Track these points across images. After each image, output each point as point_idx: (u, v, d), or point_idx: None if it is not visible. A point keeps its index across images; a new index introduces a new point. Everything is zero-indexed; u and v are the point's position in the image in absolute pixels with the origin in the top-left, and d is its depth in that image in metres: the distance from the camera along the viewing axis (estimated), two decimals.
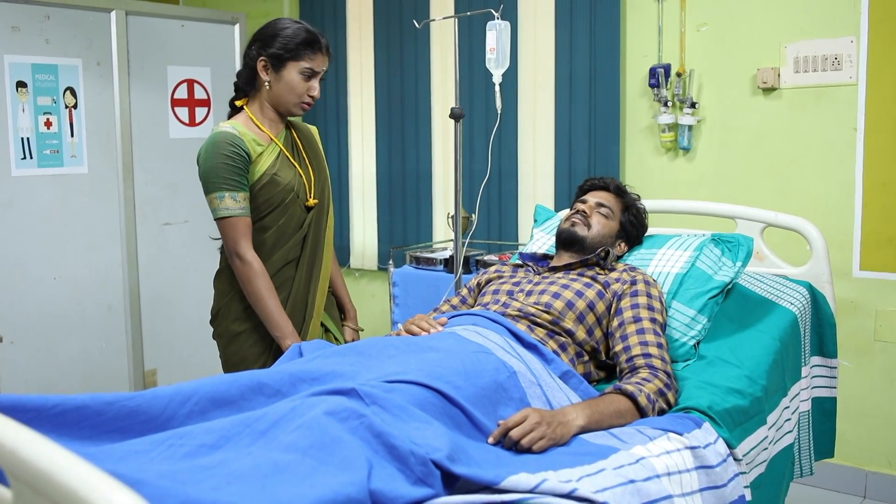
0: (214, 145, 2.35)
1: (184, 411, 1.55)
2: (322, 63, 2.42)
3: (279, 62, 2.39)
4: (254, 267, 2.38)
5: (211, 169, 2.35)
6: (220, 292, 2.56)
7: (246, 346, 2.49)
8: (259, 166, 2.41)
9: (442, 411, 1.66)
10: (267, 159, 2.43)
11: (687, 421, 1.86)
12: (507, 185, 4.13)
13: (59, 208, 3.90)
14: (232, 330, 2.51)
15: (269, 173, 2.41)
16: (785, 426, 2.27)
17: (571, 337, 2.15)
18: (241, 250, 2.38)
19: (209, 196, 2.37)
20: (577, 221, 2.41)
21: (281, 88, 2.41)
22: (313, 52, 2.39)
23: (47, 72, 3.82)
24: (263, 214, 2.44)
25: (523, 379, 1.86)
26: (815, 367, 2.55)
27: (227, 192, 2.34)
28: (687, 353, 2.23)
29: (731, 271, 2.34)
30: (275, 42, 2.38)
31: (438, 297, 3.65)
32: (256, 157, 2.40)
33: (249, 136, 2.39)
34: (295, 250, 2.51)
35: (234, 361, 2.52)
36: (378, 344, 1.94)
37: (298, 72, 2.39)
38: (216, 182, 2.34)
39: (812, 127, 3.37)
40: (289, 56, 2.38)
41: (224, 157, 2.34)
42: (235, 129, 2.38)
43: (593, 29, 3.80)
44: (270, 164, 2.42)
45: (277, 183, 2.42)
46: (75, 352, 4.02)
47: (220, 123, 2.41)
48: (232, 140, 2.35)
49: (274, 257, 2.47)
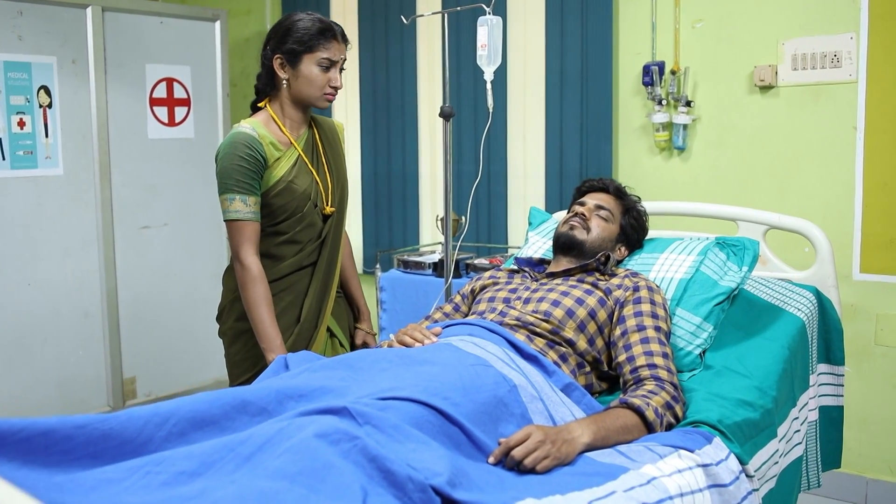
0: (232, 145, 2.31)
1: (162, 434, 1.43)
2: (339, 51, 2.36)
3: (295, 57, 2.34)
4: (252, 272, 2.32)
5: (225, 169, 2.31)
6: (227, 289, 2.52)
7: (251, 345, 2.43)
8: (275, 172, 2.35)
9: (440, 430, 1.55)
10: (284, 165, 2.37)
11: (697, 436, 1.77)
12: (496, 186, 4.03)
13: (33, 211, 3.81)
14: (236, 328, 2.47)
15: (284, 180, 2.36)
16: (794, 438, 2.17)
17: (572, 347, 2.05)
18: (242, 254, 2.33)
19: (221, 196, 2.34)
20: (575, 225, 2.31)
21: (301, 84, 2.35)
22: (328, 41, 2.33)
23: (20, 70, 3.71)
24: (278, 220, 2.39)
25: (524, 393, 1.76)
26: (822, 374, 2.46)
27: (238, 195, 2.30)
28: (693, 363, 2.14)
29: (738, 276, 2.24)
30: (288, 38, 2.33)
31: (427, 301, 3.55)
32: (273, 163, 2.35)
33: (268, 139, 2.35)
34: (311, 257, 2.46)
35: (237, 360, 2.49)
36: (369, 356, 1.83)
37: (315, 63, 2.33)
38: (229, 183, 2.31)
39: (811, 126, 3.29)
40: (303, 49, 2.32)
41: (240, 158, 2.30)
42: (255, 129, 2.33)
43: (585, 25, 3.70)
44: (287, 171, 2.37)
45: (293, 191, 2.37)
46: (50, 360, 3.93)
47: (240, 122, 2.38)
48: (250, 142, 2.31)
49: (285, 262, 2.42)
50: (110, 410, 4.10)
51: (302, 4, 4.65)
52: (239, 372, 2.47)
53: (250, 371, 2.44)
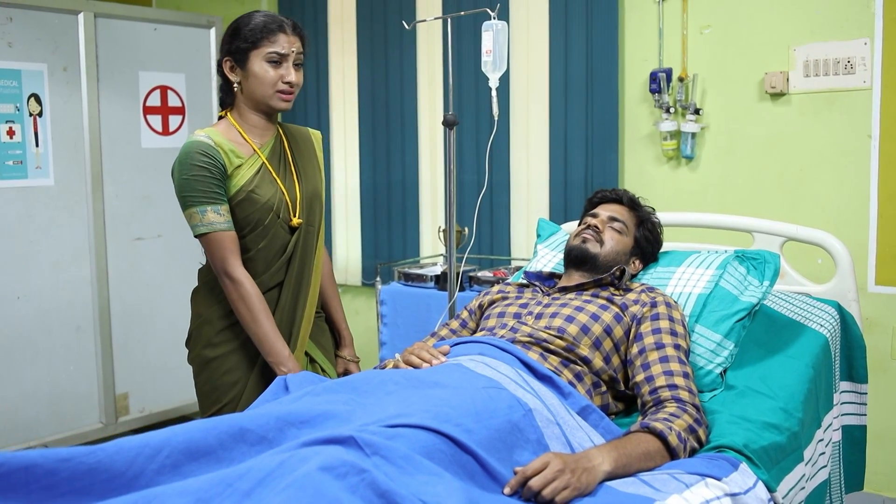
0: (187, 155, 2.13)
1: (153, 466, 1.32)
2: (287, 44, 2.17)
3: (242, 56, 2.18)
4: (245, 286, 2.16)
5: (186, 182, 2.13)
6: (194, 314, 2.36)
7: (218, 374, 2.28)
8: (235, 180, 2.18)
9: (452, 459, 1.45)
10: (245, 173, 2.20)
11: (723, 462, 1.67)
12: (498, 196, 3.94)
13: (23, 223, 3.72)
14: (203, 356, 2.31)
15: (245, 189, 2.19)
16: (819, 461, 2.07)
17: (588, 365, 1.95)
18: (229, 269, 2.16)
19: (188, 211, 2.15)
20: (588, 237, 2.20)
21: (251, 83, 2.19)
22: (273, 34, 2.16)
23: (10, 77, 3.64)
24: (242, 235, 2.22)
25: (540, 417, 1.66)
26: (844, 392, 2.36)
27: (209, 206, 2.13)
28: (713, 383, 2.03)
29: (759, 291, 2.14)
30: (235, 38, 2.18)
31: (430, 315, 3.45)
32: (233, 171, 2.18)
33: (227, 146, 2.18)
34: (278, 275, 2.28)
35: (205, 391, 2.32)
36: (374, 378, 1.73)
37: (263, 59, 2.16)
38: (194, 196, 2.13)
39: (824, 134, 3.20)
40: (248, 46, 2.16)
41: (198, 167, 2.12)
42: (210, 137, 2.16)
43: (590, 31, 3.62)
44: (248, 180, 2.20)
45: (254, 200, 2.19)
46: (41, 376, 3.83)
47: (195, 132, 2.21)
48: (205, 150, 2.13)
49: (258, 280, 2.24)
50: (103, 427, 4.01)
51: (298, 9, 4.56)
52: (208, 403, 2.31)
53: (219, 403, 2.28)
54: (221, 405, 2.27)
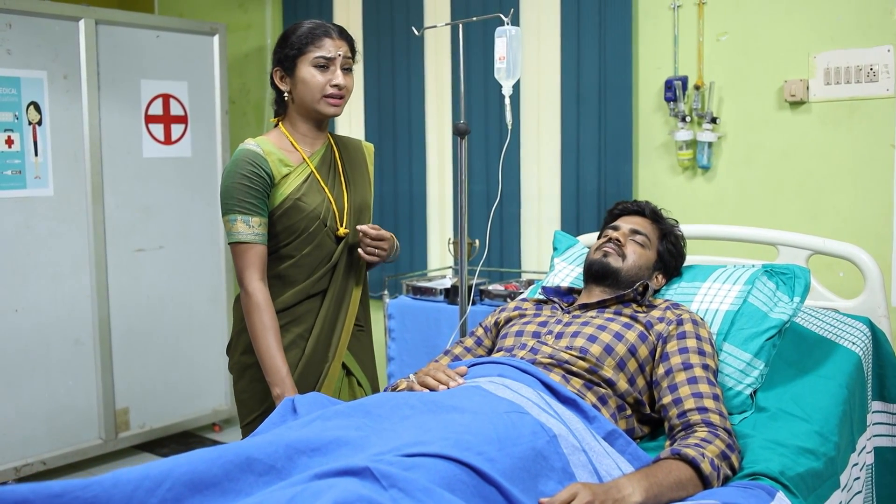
0: (235, 163, 2.18)
1: (154, 501, 1.23)
2: (334, 47, 2.19)
3: (291, 63, 2.21)
4: (255, 299, 2.17)
5: (227, 189, 2.18)
6: (235, 319, 2.37)
7: (255, 381, 2.27)
8: (283, 189, 2.20)
9: (474, 491, 1.35)
10: (293, 182, 2.21)
11: (759, 492, 1.58)
12: (508, 207, 3.84)
13: (21, 234, 3.65)
14: (242, 362, 2.31)
15: (292, 197, 2.20)
16: (854, 486, 1.98)
17: (612, 388, 1.85)
18: (245, 280, 2.18)
19: (224, 217, 2.21)
20: (609, 251, 2.11)
21: (300, 90, 2.21)
22: (319, 39, 2.18)
23: (9, 85, 3.57)
24: (284, 243, 2.23)
25: (565, 444, 1.56)
26: (876, 413, 2.26)
27: (239, 216, 2.16)
28: (743, 404, 1.94)
29: (789, 308, 2.04)
30: (284, 47, 2.22)
31: (439, 329, 3.35)
32: (281, 179, 2.20)
33: (276, 156, 2.20)
34: (321, 283, 2.28)
35: (243, 398, 2.33)
36: (389, 402, 1.63)
37: (310, 65, 2.18)
38: (230, 203, 2.17)
39: (845, 144, 3.11)
40: (296, 53, 2.19)
41: (241, 176, 2.16)
42: (261, 147, 2.19)
43: (603, 38, 3.53)
44: (296, 188, 2.21)
45: (301, 209, 2.20)
46: (39, 390, 3.75)
47: (247, 140, 2.23)
48: (253, 159, 2.16)
49: (294, 290, 2.25)
50: (102, 443, 3.92)
51: (303, 16, 4.45)
52: (246, 411, 2.31)
53: (257, 410, 2.27)
54: (257, 414, 2.27)
